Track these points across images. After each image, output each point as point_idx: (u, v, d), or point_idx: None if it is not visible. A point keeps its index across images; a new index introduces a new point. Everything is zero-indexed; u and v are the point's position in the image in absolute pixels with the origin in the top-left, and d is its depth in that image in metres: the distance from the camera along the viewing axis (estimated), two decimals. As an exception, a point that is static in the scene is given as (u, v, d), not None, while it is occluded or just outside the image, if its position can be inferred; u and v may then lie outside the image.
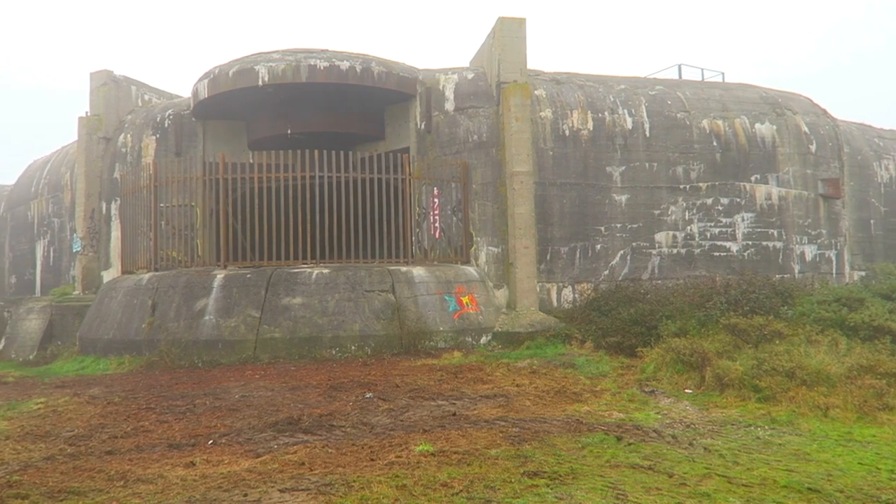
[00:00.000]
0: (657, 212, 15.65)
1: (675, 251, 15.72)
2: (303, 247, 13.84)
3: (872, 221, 19.95)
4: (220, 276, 13.01)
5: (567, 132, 15.19)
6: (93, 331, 14.09)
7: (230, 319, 12.42)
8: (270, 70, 14.37)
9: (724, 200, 16.11)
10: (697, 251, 15.87)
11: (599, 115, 15.52)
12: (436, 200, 14.87)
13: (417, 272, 13.51)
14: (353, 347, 12.30)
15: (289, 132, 15.62)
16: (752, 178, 16.36)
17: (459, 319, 13.28)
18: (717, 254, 15.99)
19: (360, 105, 15.95)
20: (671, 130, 15.91)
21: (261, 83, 14.40)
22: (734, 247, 16.13)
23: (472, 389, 9.04)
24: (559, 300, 14.87)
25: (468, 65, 17.13)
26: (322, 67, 14.37)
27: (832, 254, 17.27)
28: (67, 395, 9.44)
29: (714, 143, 16.17)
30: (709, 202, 16.00)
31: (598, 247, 15.23)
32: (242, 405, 8.33)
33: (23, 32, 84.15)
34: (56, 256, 19.76)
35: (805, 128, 17.16)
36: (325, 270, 13.09)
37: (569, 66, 68.03)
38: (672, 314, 11.64)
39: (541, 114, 15.11)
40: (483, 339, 13.31)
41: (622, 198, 15.43)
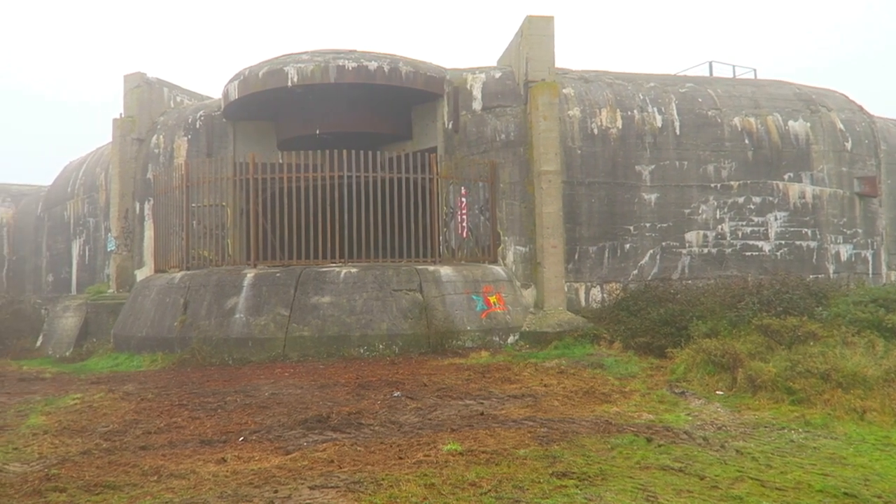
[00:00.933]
0: (687, 211, 15.45)
1: (706, 251, 15.50)
2: (331, 246, 13.95)
3: (911, 220, 19.44)
4: (251, 275, 13.17)
5: (596, 131, 15.08)
6: (126, 328, 14.37)
7: (260, 318, 12.56)
8: (299, 71, 14.51)
9: (757, 199, 15.84)
10: (729, 251, 15.62)
11: (628, 114, 15.37)
12: (463, 200, 14.87)
13: (445, 271, 13.52)
14: (381, 346, 12.36)
15: (317, 132, 15.74)
16: (786, 177, 16.06)
17: (487, 319, 13.26)
18: (749, 253, 15.73)
19: (388, 105, 16.01)
20: (702, 128, 15.70)
21: (290, 84, 14.53)
22: (766, 246, 15.85)
23: (500, 389, 9.03)
24: (587, 300, 14.77)
25: (496, 64, 17.09)
26: (350, 68, 14.46)
27: (868, 253, 16.87)
28: (102, 391, 9.65)
29: (746, 141, 15.90)
30: (740, 201, 15.75)
31: (627, 246, 15.09)
32: (272, 402, 8.43)
33: (64, 47, 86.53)
34: (91, 255, 20.18)
35: (840, 125, 16.79)
36: (354, 270, 13.17)
37: (597, 65, 67.48)
38: (703, 314, 11.48)
39: (569, 112, 15.02)
40: (510, 339, 13.27)
41: (651, 197, 15.27)
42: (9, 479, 5.50)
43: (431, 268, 13.58)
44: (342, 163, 13.81)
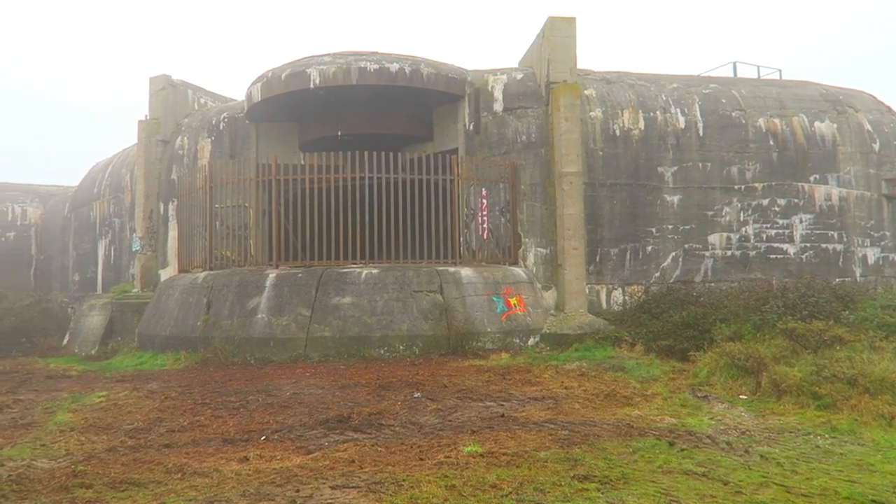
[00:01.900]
0: (710, 213, 15.29)
1: (729, 253, 15.33)
2: (352, 247, 14.02)
3: (940, 223, 19.04)
4: (272, 276, 13.28)
5: (617, 132, 14.99)
6: (151, 327, 14.57)
7: (282, 318, 12.66)
8: (321, 73, 14.60)
9: (781, 201, 15.63)
10: (752, 253, 15.43)
11: (651, 115, 15.25)
12: (484, 201, 14.86)
13: (465, 273, 13.52)
14: (401, 347, 12.39)
15: (339, 134, 15.83)
16: (811, 179, 15.83)
17: (507, 320, 13.24)
18: (774, 256, 15.52)
19: (409, 107, 16.06)
20: (725, 129, 15.53)
21: (312, 86, 14.63)
22: (791, 249, 15.64)
23: (521, 391, 9.00)
24: (608, 302, 14.67)
25: (517, 65, 17.05)
26: (372, 69, 14.53)
27: (896, 257, 16.58)
28: (127, 390, 9.78)
29: (771, 143, 15.70)
30: (765, 203, 15.55)
31: (649, 248, 14.97)
32: (293, 402, 8.49)
33: (64, 47, 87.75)
34: (116, 255, 20.49)
35: (868, 126, 16.51)
36: (374, 270, 13.22)
37: (619, 66, 67.08)
38: (726, 318, 11.35)
39: (590, 114, 14.94)
40: (531, 341, 13.23)
41: (674, 198, 15.13)
42: (37, 475, 5.60)
43: (452, 269, 13.58)
44: (363, 164, 13.88)
